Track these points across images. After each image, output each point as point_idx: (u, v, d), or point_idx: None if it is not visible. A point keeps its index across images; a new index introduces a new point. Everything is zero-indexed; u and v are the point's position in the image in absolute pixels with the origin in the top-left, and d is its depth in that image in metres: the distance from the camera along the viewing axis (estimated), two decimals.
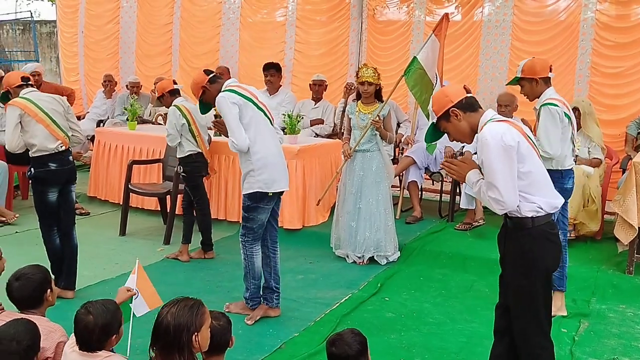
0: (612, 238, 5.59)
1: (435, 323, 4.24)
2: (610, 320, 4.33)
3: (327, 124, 7.55)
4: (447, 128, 2.90)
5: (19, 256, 4.03)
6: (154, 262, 5.34)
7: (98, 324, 2.45)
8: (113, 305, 2.60)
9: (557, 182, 3.85)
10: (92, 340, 2.45)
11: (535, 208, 2.75)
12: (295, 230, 6.01)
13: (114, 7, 10.05)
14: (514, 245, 2.83)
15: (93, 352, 2.46)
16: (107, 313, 2.49)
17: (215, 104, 4.08)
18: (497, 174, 2.67)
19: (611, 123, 6.78)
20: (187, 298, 2.37)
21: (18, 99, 4.44)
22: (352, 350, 2.60)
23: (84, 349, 2.46)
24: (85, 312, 2.49)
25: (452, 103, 2.83)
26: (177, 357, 2.21)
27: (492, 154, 2.67)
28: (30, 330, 2.44)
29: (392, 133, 5.54)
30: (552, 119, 4.08)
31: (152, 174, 6.71)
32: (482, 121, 2.80)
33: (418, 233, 6.10)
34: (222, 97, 4.03)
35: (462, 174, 2.88)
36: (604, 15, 6.92)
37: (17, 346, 2.35)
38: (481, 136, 2.73)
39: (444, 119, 2.88)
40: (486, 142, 2.69)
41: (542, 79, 4.19)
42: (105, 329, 2.47)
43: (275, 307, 4.27)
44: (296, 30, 8.67)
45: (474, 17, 7.62)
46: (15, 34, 16.58)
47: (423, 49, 5.52)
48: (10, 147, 4.50)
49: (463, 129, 2.85)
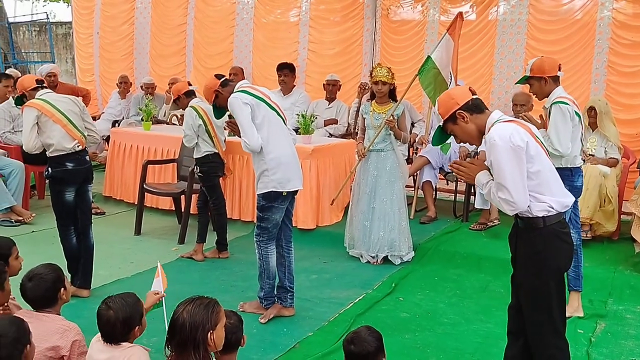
0: (629, 238, 5.53)
1: (450, 323, 4.22)
2: (627, 322, 4.28)
3: (341, 124, 7.54)
4: (454, 130, 2.89)
5: (35, 255, 4.06)
6: (169, 261, 5.36)
7: (119, 318, 2.52)
8: (133, 298, 2.64)
9: (567, 180, 3.85)
10: (115, 333, 2.53)
11: (547, 207, 2.74)
12: (309, 230, 6.00)
13: (128, 8, 10.11)
14: (526, 246, 2.81)
15: (117, 344, 2.54)
16: (127, 307, 2.56)
17: (227, 104, 4.09)
18: (506, 175, 2.66)
19: (628, 122, 6.71)
20: (203, 297, 2.39)
21: (35, 100, 4.48)
22: (372, 347, 2.62)
23: (108, 342, 2.54)
24: (106, 308, 2.55)
25: (459, 105, 2.82)
26: (192, 354, 2.22)
27: (500, 155, 2.66)
28: (15, 323, 2.36)
29: (407, 133, 5.53)
30: (563, 117, 4.05)
31: (166, 174, 6.74)
32: (489, 122, 2.78)
33: (432, 233, 6.07)
34: (234, 97, 4.04)
35: (471, 175, 2.88)
36: (620, 13, 6.85)
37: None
38: (489, 137, 2.72)
39: (450, 121, 2.87)
40: (494, 143, 2.68)
41: (551, 77, 4.15)
42: (126, 322, 2.54)
43: (289, 306, 4.27)
44: (310, 30, 8.67)
45: (489, 16, 7.57)
46: (31, 35, 16.73)
47: (437, 48, 5.49)
48: (27, 148, 4.54)
49: (470, 131, 2.85)
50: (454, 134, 2.90)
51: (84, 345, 2.72)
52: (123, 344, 2.55)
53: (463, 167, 2.90)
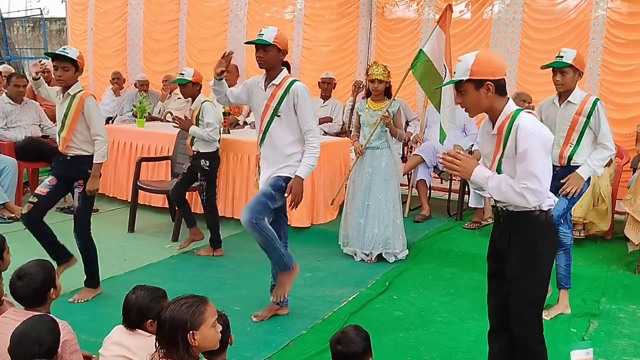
0: (622, 238, 5.55)
1: (444, 322, 4.22)
2: (620, 321, 4.30)
3: (336, 122, 7.53)
4: (468, 93, 2.70)
5: (26, 252, 4.03)
6: (163, 259, 5.35)
7: (140, 304, 2.66)
8: (159, 292, 2.74)
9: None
10: (130, 316, 2.67)
11: (551, 202, 2.77)
12: (304, 228, 6.00)
13: (122, 4, 10.09)
14: (526, 239, 2.76)
15: (133, 330, 2.66)
16: (148, 298, 2.68)
17: (300, 93, 3.94)
18: (539, 164, 2.61)
19: (622, 122, 6.73)
20: (191, 296, 2.36)
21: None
22: (359, 347, 2.60)
23: (126, 326, 2.68)
24: (132, 291, 2.73)
25: (493, 77, 2.68)
26: (174, 353, 2.23)
27: (536, 145, 2.60)
28: (52, 331, 2.43)
29: (402, 130, 5.53)
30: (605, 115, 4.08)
31: (160, 171, 6.72)
32: (507, 109, 2.70)
33: (427, 232, 6.08)
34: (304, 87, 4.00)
35: (468, 169, 2.70)
36: (615, 12, 6.87)
37: (39, 349, 2.34)
38: (523, 125, 2.63)
39: (474, 84, 2.68)
40: (530, 131, 2.61)
41: (581, 74, 4.11)
42: (142, 311, 2.65)
43: (284, 305, 4.25)
44: (304, 27, 8.66)
45: (484, 15, 7.58)
46: (25, 31, 16.64)
47: (428, 41, 5.52)
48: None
49: (482, 104, 2.72)
50: (465, 95, 2.72)
51: (76, 344, 2.70)
52: (140, 332, 2.65)
53: (458, 160, 2.71)
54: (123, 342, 2.63)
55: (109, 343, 2.68)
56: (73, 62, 4.17)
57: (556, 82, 4.09)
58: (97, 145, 4.24)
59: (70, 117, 4.20)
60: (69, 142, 4.24)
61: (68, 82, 4.21)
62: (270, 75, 3.99)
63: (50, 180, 4.40)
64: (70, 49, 4.20)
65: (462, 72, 2.69)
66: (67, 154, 4.29)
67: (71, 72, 4.18)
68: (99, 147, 4.24)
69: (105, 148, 4.26)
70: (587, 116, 4.08)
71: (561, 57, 4.05)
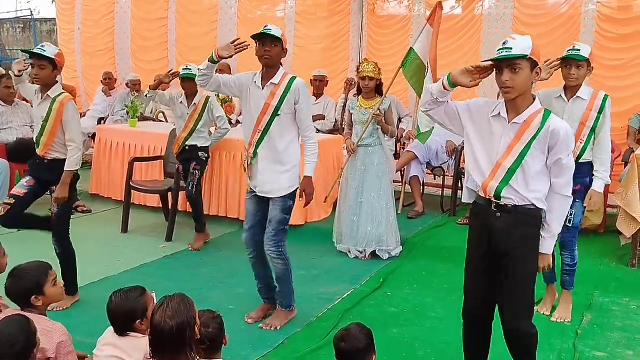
0: (615, 231, 5.58)
1: (438, 318, 4.23)
2: (613, 314, 4.32)
3: (329, 120, 7.54)
4: (523, 70, 2.59)
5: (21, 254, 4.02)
6: (157, 259, 5.34)
7: (121, 310, 2.65)
8: (136, 292, 2.71)
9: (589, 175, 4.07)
10: (117, 323, 2.67)
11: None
12: (298, 226, 5.99)
13: (109, 2, 10.04)
14: (530, 233, 2.81)
15: (124, 335, 2.66)
16: (127, 301, 2.66)
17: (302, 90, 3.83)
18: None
19: (613, 116, 6.68)
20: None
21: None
22: (362, 344, 2.62)
23: (116, 332, 2.68)
24: (110, 301, 2.71)
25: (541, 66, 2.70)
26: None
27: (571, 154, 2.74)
28: (25, 331, 2.38)
29: (394, 127, 5.53)
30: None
31: (153, 171, 6.70)
32: (537, 104, 2.70)
33: (420, 228, 6.09)
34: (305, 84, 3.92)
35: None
36: (605, 7, 6.90)
37: (10, 350, 2.31)
38: (565, 132, 2.66)
39: (531, 63, 2.60)
40: (571, 136, 2.72)
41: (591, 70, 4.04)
42: (128, 315, 2.64)
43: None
44: (296, 25, 8.65)
45: (475, 11, 7.60)
46: (15, 32, 16.55)
47: (419, 39, 5.51)
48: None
49: (527, 88, 2.65)
50: (519, 73, 2.58)
51: (71, 345, 2.71)
52: (130, 334, 2.65)
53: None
54: (116, 342, 2.65)
55: (103, 344, 2.69)
56: (50, 61, 4.03)
57: (570, 76, 3.95)
58: (71, 152, 4.08)
59: (51, 122, 4.06)
60: (49, 147, 4.13)
61: (45, 81, 4.08)
62: (269, 73, 3.84)
63: (28, 180, 4.25)
64: (48, 47, 4.06)
65: (522, 48, 2.58)
66: (45, 157, 4.16)
67: (48, 71, 4.04)
68: (72, 154, 4.08)
69: (79, 156, 4.11)
70: (598, 111, 4.02)
71: (578, 51, 3.92)
